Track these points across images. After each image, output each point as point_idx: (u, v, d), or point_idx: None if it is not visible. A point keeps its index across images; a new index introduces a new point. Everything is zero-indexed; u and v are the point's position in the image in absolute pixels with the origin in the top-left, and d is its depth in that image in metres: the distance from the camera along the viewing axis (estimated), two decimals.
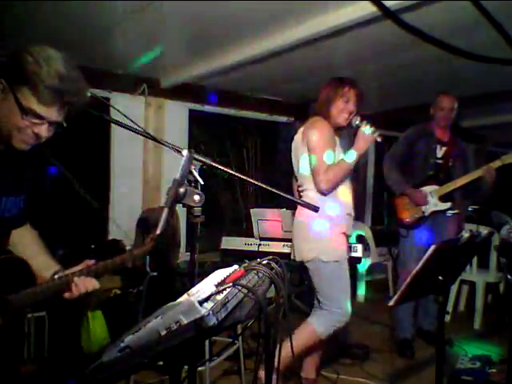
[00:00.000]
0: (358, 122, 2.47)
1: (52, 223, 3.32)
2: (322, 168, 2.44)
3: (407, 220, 3.47)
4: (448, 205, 3.46)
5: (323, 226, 2.48)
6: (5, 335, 1.48)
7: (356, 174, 2.77)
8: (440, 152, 3.51)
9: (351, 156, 2.45)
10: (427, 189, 3.46)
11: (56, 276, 1.53)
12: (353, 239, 4.40)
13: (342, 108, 2.50)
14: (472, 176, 3.35)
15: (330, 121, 2.53)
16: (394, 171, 3.51)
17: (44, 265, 1.59)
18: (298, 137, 2.62)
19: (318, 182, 2.47)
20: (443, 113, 3.43)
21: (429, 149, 3.48)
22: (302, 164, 2.58)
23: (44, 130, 1.35)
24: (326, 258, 2.49)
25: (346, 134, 2.68)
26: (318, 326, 2.55)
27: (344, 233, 2.56)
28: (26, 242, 1.64)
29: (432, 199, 3.44)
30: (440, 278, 1.88)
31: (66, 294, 1.51)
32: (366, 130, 2.43)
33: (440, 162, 3.51)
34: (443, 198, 3.44)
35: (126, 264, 1.53)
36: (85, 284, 1.50)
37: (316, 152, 2.47)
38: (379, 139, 2.44)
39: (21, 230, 1.65)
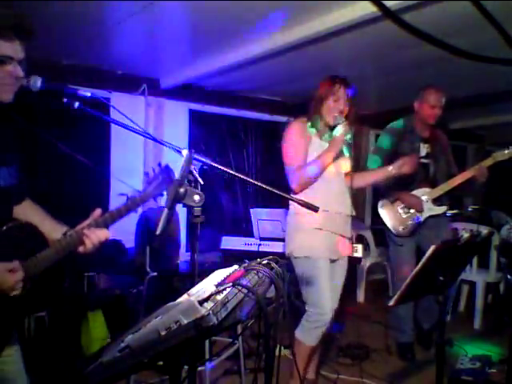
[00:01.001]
0: (339, 121, 2.45)
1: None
2: (290, 168, 2.51)
3: (402, 229, 3.32)
4: (444, 208, 3.33)
5: (296, 222, 2.55)
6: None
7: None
8: (424, 150, 3.34)
9: (323, 156, 2.46)
10: (419, 192, 3.31)
11: (68, 233, 1.55)
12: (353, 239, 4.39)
13: (332, 107, 2.49)
14: (464, 176, 3.20)
15: (321, 120, 2.54)
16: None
17: (52, 228, 1.60)
18: None
19: (289, 181, 2.54)
20: (433, 111, 3.22)
21: (412, 148, 3.29)
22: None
23: (19, 70, 1.42)
24: (297, 253, 2.54)
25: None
26: (300, 335, 2.54)
27: (321, 228, 2.50)
28: (30, 213, 1.64)
29: (426, 203, 3.29)
30: (440, 277, 1.88)
31: (81, 249, 1.53)
32: (339, 132, 2.43)
33: (426, 161, 3.34)
34: (437, 201, 3.31)
35: (132, 210, 1.54)
36: (97, 235, 1.51)
37: (285, 153, 2.56)
38: (350, 140, 2.43)
39: (22, 205, 1.66)
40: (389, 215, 3.40)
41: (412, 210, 3.32)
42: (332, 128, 2.53)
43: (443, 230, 3.39)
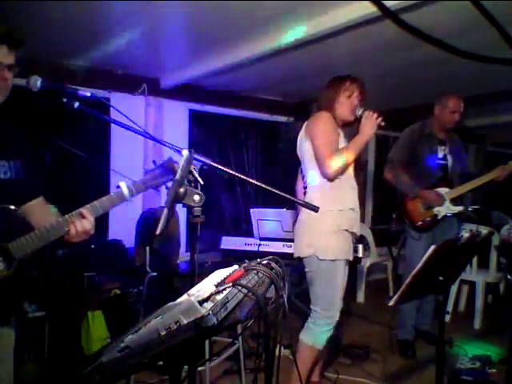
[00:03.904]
0: (360, 112, 2.49)
1: None
2: (326, 154, 2.42)
3: (420, 223, 3.43)
4: (460, 208, 3.46)
5: (324, 222, 2.44)
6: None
7: (356, 174, 2.74)
8: (441, 152, 3.49)
9: (357, 142, 2.46)
10: (439, 191, 3.44)
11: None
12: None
13: (346, 103, 2.51)
14: (485, 179, 3.36)
15: (337, 118, 2.54)
16: (404, 176, 3.46)
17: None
18: (301, 132, 2.61)
19: (323, 168, 2.44)
20: (453, 116, 3.38)
21: (431, 151, 3.45)
22: (306, 159, 2.56)
23: (7, 73, 1.49)
24: (323, 255, 2.45)
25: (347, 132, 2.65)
26: (307, 339, 2.51)
27: (347, 230, 2.48)
28: (42, 210, 1.67)
29: (445, 202, 3.42)
30: (440, 277, 1.88)
31: (66, 237, 1.54)
32: (369, 115, 2.44)
33: (443, 162, 3.49)
34: (455, 201, 3.44)
35: (124, 199, 1.55)
36: (82, 223, 1.53)
37: (319, 140, 2.46)
38: (383, 123, 2.44)
39: (35, 202, 1.67)
40: (409, 209, 3.50)
41: (431, 207, 3.44)
42: (347, 124, 2.58)
43: (456, 229, 3.54)
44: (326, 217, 2.42)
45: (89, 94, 1.50)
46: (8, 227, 1.49)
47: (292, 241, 2.69)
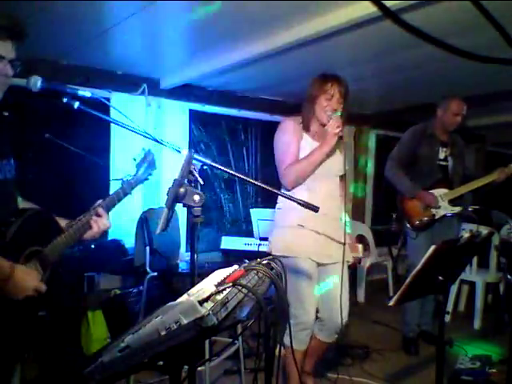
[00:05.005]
0: (331, 115, 2.38)
1: None
2: (281, 166, 2.48)
3: (417, 223, 3.48)
4: (458, 209, 3.50)
5: (278, 218, 2.53)
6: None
7: (356, 174, 2.73)
8: (442, 153, 3.53)
9: (316, 153, 2.39)
10: (437, 192, 3.48)
11: (73, 222, 1.67)
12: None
13: (325, 105, 2.42)
14: (484, 181, 3.40)
15: (314, 119, 2.49)
16: (403, 176, 3.50)
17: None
18: None
19: (280, 178, 2.50)
20: (455, 118, 3.43)
21: (432, 152, 3.49)
22: None
23: (9, 69, 1.48)
24: (273, 250, 2.45)
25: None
26: (286, 339, 2.25)
27: (302, 226, 2.40)
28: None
29: (443, 203, 3.46)
30: (440, 277, 1.88)
31: (87, 235, 1.65)
32: (332, 125, 2.34)
33: (444, 163, 3.54)
34: (453, 202, 3.47)
35: (128, 193, 1.74)
36: (103, 221, 1.66)
37: (276, 151, 2.55)
38: (341, 134, 2.34)
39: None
40: (407, 208, 3.55)
41: (429, 207, 3.48)
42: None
43: (455, 229, 3.60)
44: (282, 212, 2.52)
45: (89, 94, 1.50)
46: (42, 231, 1.53)
47: None
